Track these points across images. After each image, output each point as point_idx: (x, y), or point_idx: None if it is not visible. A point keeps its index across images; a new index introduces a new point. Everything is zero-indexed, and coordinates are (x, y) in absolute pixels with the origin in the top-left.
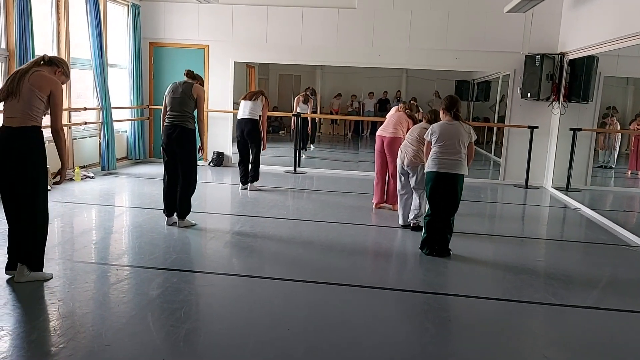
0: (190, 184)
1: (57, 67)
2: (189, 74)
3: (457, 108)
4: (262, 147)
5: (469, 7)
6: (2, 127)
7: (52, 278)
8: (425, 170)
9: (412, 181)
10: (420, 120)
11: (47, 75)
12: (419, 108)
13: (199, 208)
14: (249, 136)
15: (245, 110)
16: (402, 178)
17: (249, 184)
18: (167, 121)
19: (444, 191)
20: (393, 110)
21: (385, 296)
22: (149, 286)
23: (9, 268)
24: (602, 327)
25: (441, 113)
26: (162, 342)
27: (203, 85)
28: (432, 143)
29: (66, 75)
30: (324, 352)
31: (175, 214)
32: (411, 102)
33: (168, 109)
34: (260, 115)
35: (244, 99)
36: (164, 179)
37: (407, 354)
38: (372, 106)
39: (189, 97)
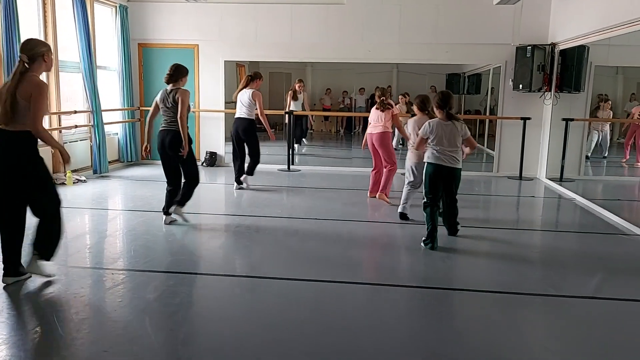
0: (194, 178)
1: (40, 55)
2: (169, 79)
3: (450, 105)
4: (270, 138)
5: (458, 0)
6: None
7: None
8: (425, 161)
9: None
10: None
11: (32, 80)
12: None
13: (194, 209)
14: (244, 134)
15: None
16: (416, 172)
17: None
18: (161, 126)
19: (443, 182)
20: (374, 109)
21: (384, 293)
22: (145, 290)
23: (7, 274)
24: (601, 317)
25: (435, 109)
26: (161, 346)
27: (187, 74)
28: (429, 141)
29: (49, 50)
30: (324, 352)
31: (175, 201)
32: (384, 89)
33: (163, 115)
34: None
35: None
36: (166, 180)
37: (407, 350)
38: (363, 102)
39: (176, 103)
